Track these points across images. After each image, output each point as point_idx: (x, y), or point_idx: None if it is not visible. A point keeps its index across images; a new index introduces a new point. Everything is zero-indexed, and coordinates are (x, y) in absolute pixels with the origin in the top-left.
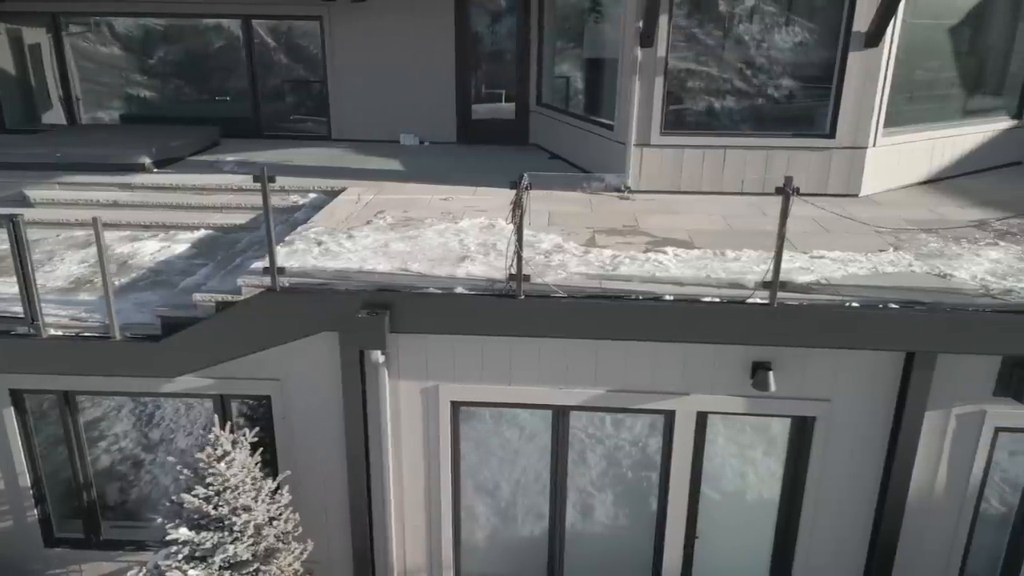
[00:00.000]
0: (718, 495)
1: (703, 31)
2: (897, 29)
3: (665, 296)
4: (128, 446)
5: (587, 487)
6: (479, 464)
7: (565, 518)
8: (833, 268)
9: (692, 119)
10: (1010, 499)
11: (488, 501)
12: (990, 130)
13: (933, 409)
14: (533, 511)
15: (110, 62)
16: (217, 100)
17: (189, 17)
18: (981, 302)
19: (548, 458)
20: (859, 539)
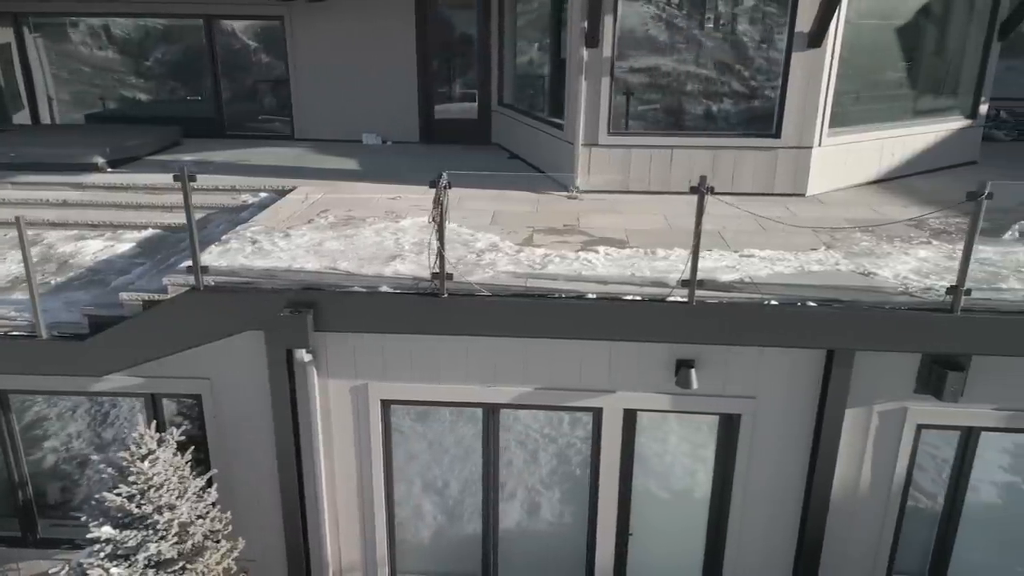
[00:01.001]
0: (651, 492)
1: (649, 32)
2: (840, 29)
3: (588, 295)
4: (66, 445)
5: (520, 484)
6: (413, 462)
7: (498, 515)
8: (760, 267)
9: (639, 119)
10: (936, 495)
11: (422, 499)
12: (943, 130)
13: (855, 407)
14: (467, 508)
15: (78, 63)
16: (181, 100)
17: (151, 17)
18: (899, 300)
19: (480, 456)
20: (788, 536)
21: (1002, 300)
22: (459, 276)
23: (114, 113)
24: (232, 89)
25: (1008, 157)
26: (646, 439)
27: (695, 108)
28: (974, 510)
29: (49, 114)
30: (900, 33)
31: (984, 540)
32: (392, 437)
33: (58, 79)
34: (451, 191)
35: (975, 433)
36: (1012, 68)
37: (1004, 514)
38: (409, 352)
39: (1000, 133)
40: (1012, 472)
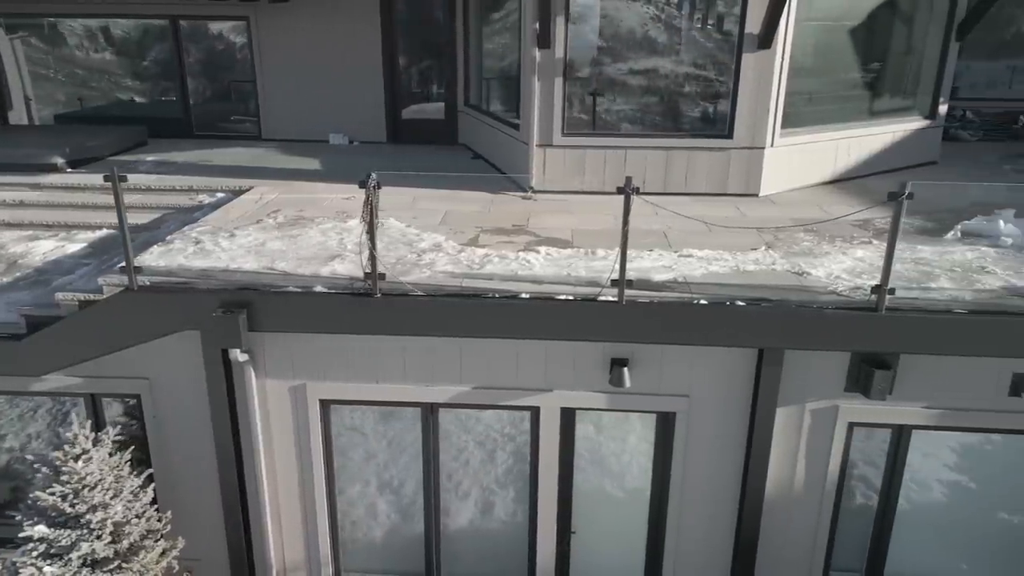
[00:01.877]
0: (593, 491)
1: (602, 33)
2: (790, 31)
3: (522, 294)
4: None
5: (462, 483)
6: (355, 462)
7: (440, 514)
8: (695, 266)
9: (593, 120)
10: (872, 492)
11: (365, 498)
12: (901, 130)
13: (787, 405)
14: (410, 508)
15: (52, 63)
16: (149, 101)
17: (117, 18)
18: (827, 300)
19: (421, 455)
20: (726, 534)
21: (929, 299)
22: (397, 276)
23: (84, 113)
24: (200, 89)
25: (971, 158)
26: (587, 438)
27: (649, 109)
28: (911, 507)
29: (27, 114)
30: (853, 34)
31: (921, 536)
32: (333, 436)
33: (35, 78)
34: (409, 191)
35: (906, 431)
36: (1010, 68)
37: (940, 511)
38: (347, 352)
39: (966, 133)
40: (949, 469)
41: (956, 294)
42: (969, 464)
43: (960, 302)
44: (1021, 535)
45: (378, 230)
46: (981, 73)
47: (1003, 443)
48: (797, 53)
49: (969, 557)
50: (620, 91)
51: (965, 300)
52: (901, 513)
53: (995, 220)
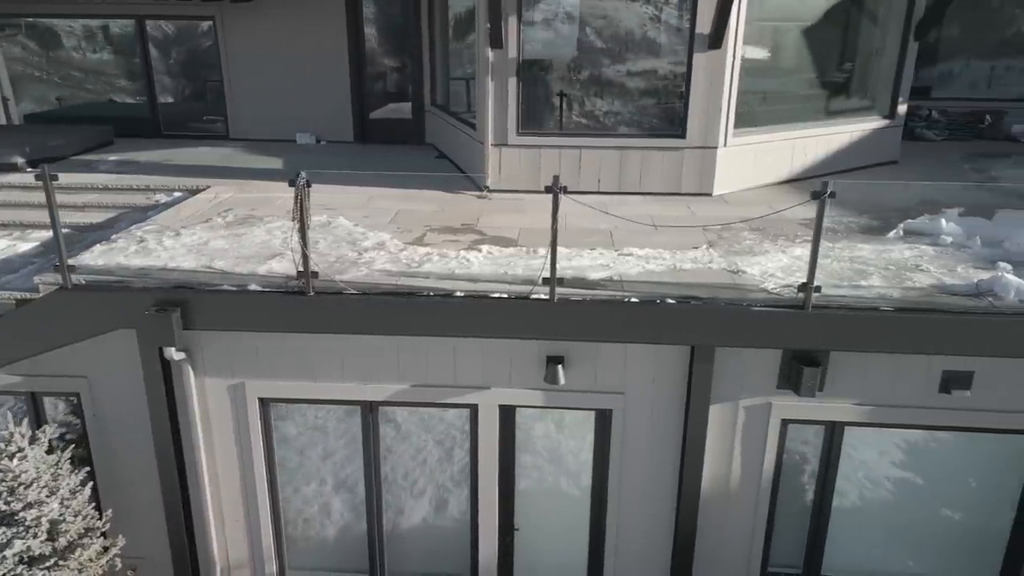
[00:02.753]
0: (535, 488)
1: (556, 33)
2: (740, 31)
3: (456, 293)
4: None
5: (403, 481)
6: (297, 460)
7: (383, 512)
8: (633, 265)
9: (548, 120)
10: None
11: (309, 496)
12: (860, 130)
13: (721, 402)
14: (353, 505)
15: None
16: (117, 100)
17: (83, 18)
18: (756, 297)
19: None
20: (664, 530)
21: (857, 297)
22: (332, 275)
23: (54, 113)
24: (168, 89)
25: (934, 157)
26: (528, 435)
27: (603, 109)
28: (847, 503)
29: (5, 114)
30: (807, 34)
31: (858, 533)
32: (273, 435)
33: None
34: (362, 190)
35: (839, 428)
36: (1011, 68)
37: (876, 507)
38: (285, 350)
39: (931, 133)
40: (884, 466)
41: (885, 292)
42: (904, 460)
43: (888, 300)
44: (956, 530)
45: (325, 229)
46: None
47: (937, 439)
48: (749, 53)
49: (906, 552)
50: (574, 91)
51: (893, 298)
52: (837, 510)
53: (937, 219)
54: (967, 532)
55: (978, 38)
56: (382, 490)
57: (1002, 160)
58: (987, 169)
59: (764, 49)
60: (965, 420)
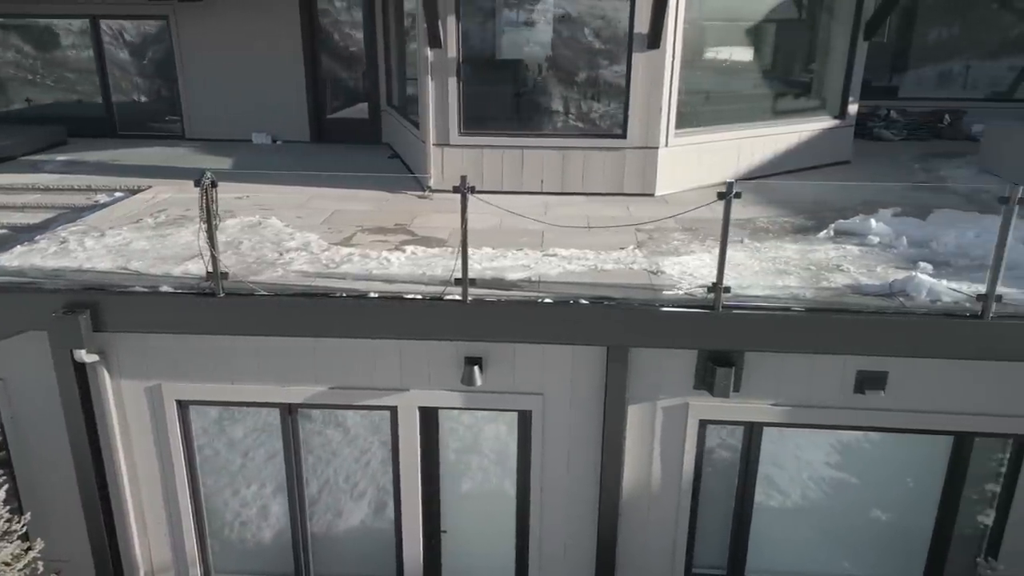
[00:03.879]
0: (461, 490)
1: (496, 32)
2: (679, 30)
3: (371, 294)
4: None
5: (327, 483)
6: (218, 462)
7: (306, 514)
8: (554, 265)
9: (490, 120)
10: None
11: (231, 499)
12: (809, 129)
13: (639, 403)
14: (277, 508)
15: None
16: (72, 100)
17: (37, 18)
18: (668, 298)
19: (283, 455)
20: (588, 532)
21: (769, 297)
22: (246, 276)
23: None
24: (123, 89)
25: (887, 157)
26: (452, 437)
27: (545, 108)
28: (771, 503)
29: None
30: (752, 34)
31: (782, 533)
32: (193, 437)
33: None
34: (307, 190)
35: (757, 428)
36: (1014, 68)
37: (801, 507)
38: (202, 352)
39: (889, 133)
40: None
41: (798, 292)
42: (826, 460)
43: (800, 300)
44: (879, 529)
45: (254, 229)
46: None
47: (859, 439)
48: (689, 53)
49: (830, 552)
50: (516, 91)
51: (805, 298)
52: (759, 510)
53: (867, 220)
54: (890, 532)
55: (945, 39)
56: (304, 492)
57: (954, 160)
58: (936, 169)
59: (706, 49)
60: (881, 420)
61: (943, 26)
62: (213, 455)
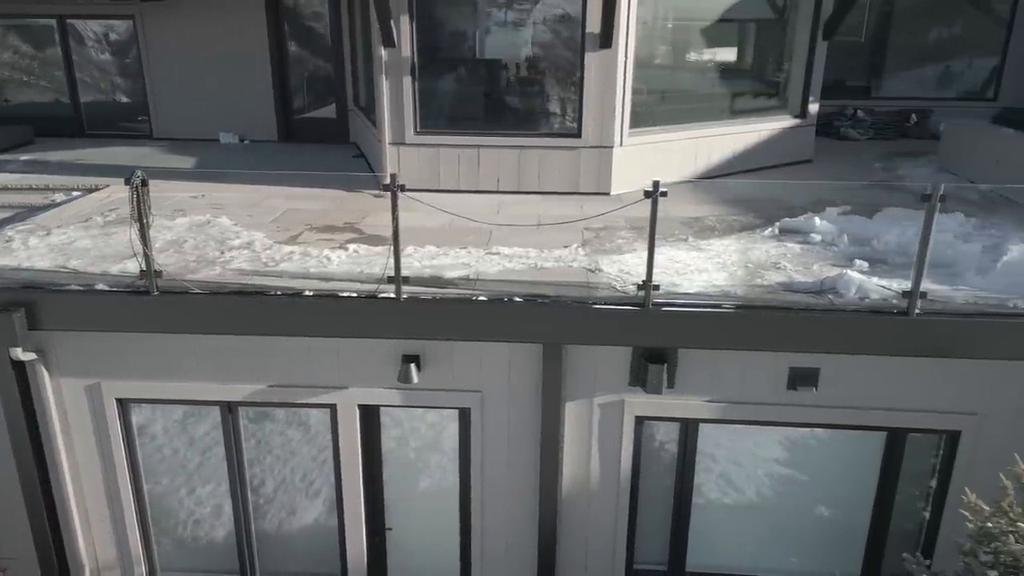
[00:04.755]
0: (406, 488)
1: (450, 32)
2: (632, 30)
3: (305, 292)
4: None
5: (268, 481)
6: (161, 460)
7: (249, 512)
8: (495, 263)
9: (446, 119)
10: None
11: (176, 497)
12: (769, 129)
13: (576, 400)
14: (221, 506)
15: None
16: (39, 100)
17: (3, 17)
18: (602, 296)
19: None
20: (529, 529)
21: (700, 294)
22: (185, 274)
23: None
24: (90, 88)
25: (850, 156)
26: (395, 434)
27: (501, 107)
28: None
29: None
30: (707, 34)
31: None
32: (135, 435)
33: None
34: (265, 189)
35: (693, 424)
36: (987, 68)
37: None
38: (141, 350)
39: (855, 132)
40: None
41: (729, 290)
42: (765, 456)
43: (730, 298)
44: (818, 525)
45: (201, 228)
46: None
47: (796, 436)
48: (643, 52)
49: (770, 547)
50: (472, 90)
51: (736, 296)
52: (699, 506)
53: (812, 218)
54: (829, 528)
55: (921, 39)
56: (247, 490)
57: (916, 159)
58: (896, 169)
59: (661, 49)
60: (815, 417)
61: (919, 26)
62: (155, 453)
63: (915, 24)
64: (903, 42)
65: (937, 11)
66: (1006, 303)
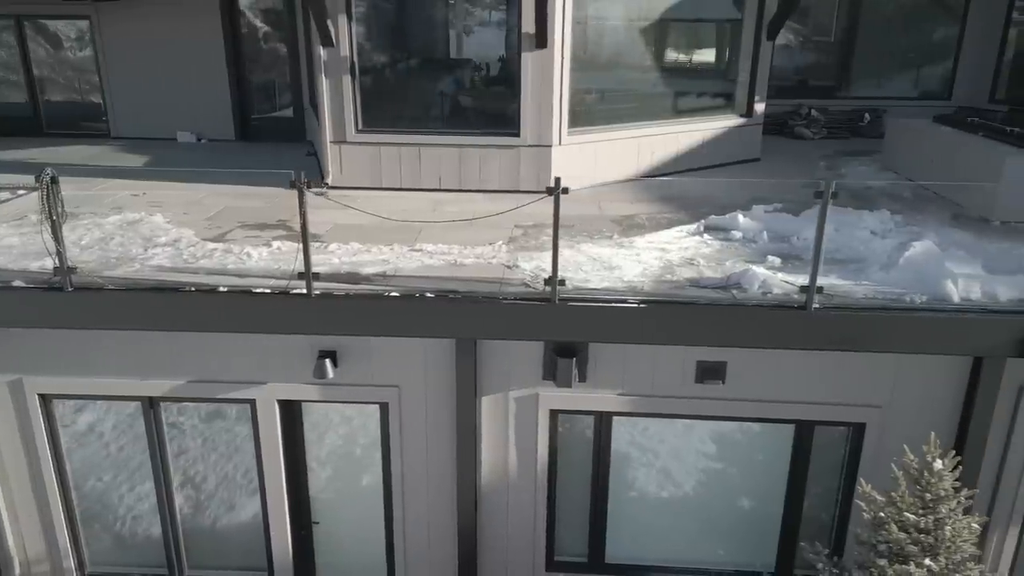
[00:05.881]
0: (332, 482)
1: (390, 32)
2: (567, 30)
3: (220, 288)
4: None
5: (193, 476)
6: (87, 455)
7: (175, 507)
8: (415, 260)
9: (387, 117)
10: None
11: (102, 492)
12: (714, 128)
13: (492, 393)
14: (148, 501)
15: None
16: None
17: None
18: (512, 292)
19: (148, 448)
20: (450, 523)
21: (607, 290)
22: (105, 271)
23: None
24: (49, 88)
25: (801, 154)
26: (318, 429)
27: (441, 106)
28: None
29: None
30: (648, 34)
31: (640, 520)
32: (59, 430)
33: None
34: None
35: (607, 417)
36: (906, 66)
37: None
38: (63, 346)
39: (809, 131)
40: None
41: (636, 285)
42: (681, 449)
43: (637, 293)
44: (734, 516)
45: (132, 226)
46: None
47: (709, 428)
48: (580, 52)
49: (688, 538)
50: (414, 89)
51: (643, 291)
52: (617, 498)
53: (736, 215)
54: (745, 520)
55: (886, 39)
56: (172, 485)
57: (861, 158)
58: (839, 167)
59: (601, 49)
60: (725, 410)
61: (886, 26)
62: (81, 448)
63: (882, 24)
64: (870, 41)
65: (904, 10)
66: (903, 297)
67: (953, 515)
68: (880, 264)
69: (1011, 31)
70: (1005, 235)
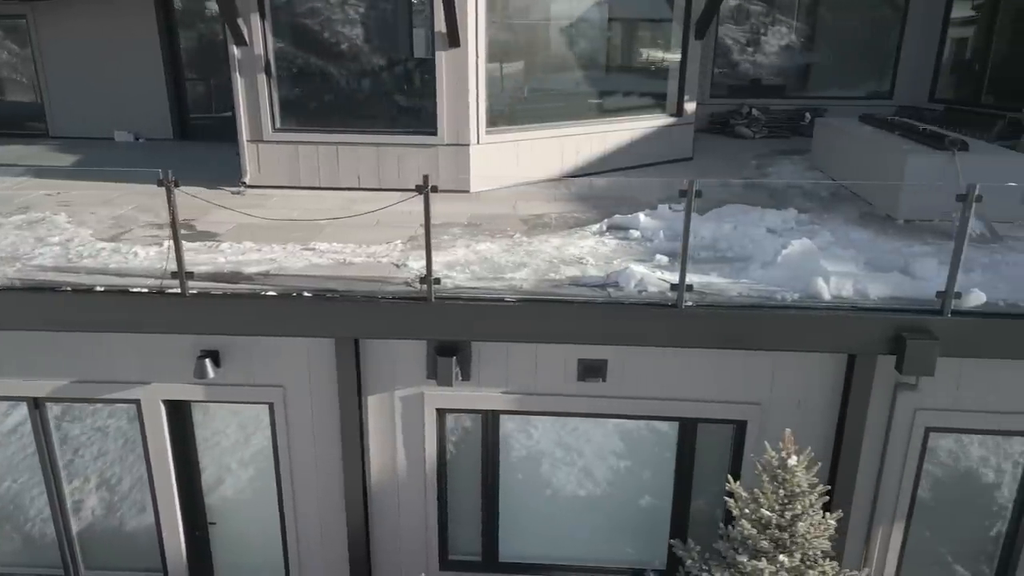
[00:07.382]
0: (225, 483)
1: (306, 31)
2: (481, 30)
3: (96, 287)
4: None
5: (85, 477)
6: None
7: (67, 508)
8: (303, 259)
9: (304, 116)
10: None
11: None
12: (642, 127)
13: (377, 393)
14: (39, 502)
15: None
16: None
17: None
18: (392, 290)
19: (36, 448)
20: (341, 522)
21: (485, 288)
22: None
23: None
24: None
25: (734, 154)
26: (209, 429)
27: (358, 105)
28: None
29: None
30: (569, 33)
31: (533, 519)
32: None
33: None
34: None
35: (494, 416)
36: (844, 65)
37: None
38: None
39: (748, 131)
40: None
41: (516, 284)
42: (573, 447)
43: (515, 292)
44: (625, 513)
45: (32, 226)
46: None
47: (600, 426)
48: (495, 52)
49: (581, 537)
50: (331, 88)
51: (521, 290)
52: (509, 497)
53: (637, 215)
54: (637, 517)
55: (836, 38)
56: (63, 486)
57: (792, 157)
58: (767, 166)
59: (520, 48)
60: (609, 408)
61: (839, 24)
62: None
63: (836, 22)
64: (825, 41)
65: (856, 8)
66: (775, 295)
67: (808, 512)
68: (762, 262)
69: (950, 31)
70: (907, 234)
